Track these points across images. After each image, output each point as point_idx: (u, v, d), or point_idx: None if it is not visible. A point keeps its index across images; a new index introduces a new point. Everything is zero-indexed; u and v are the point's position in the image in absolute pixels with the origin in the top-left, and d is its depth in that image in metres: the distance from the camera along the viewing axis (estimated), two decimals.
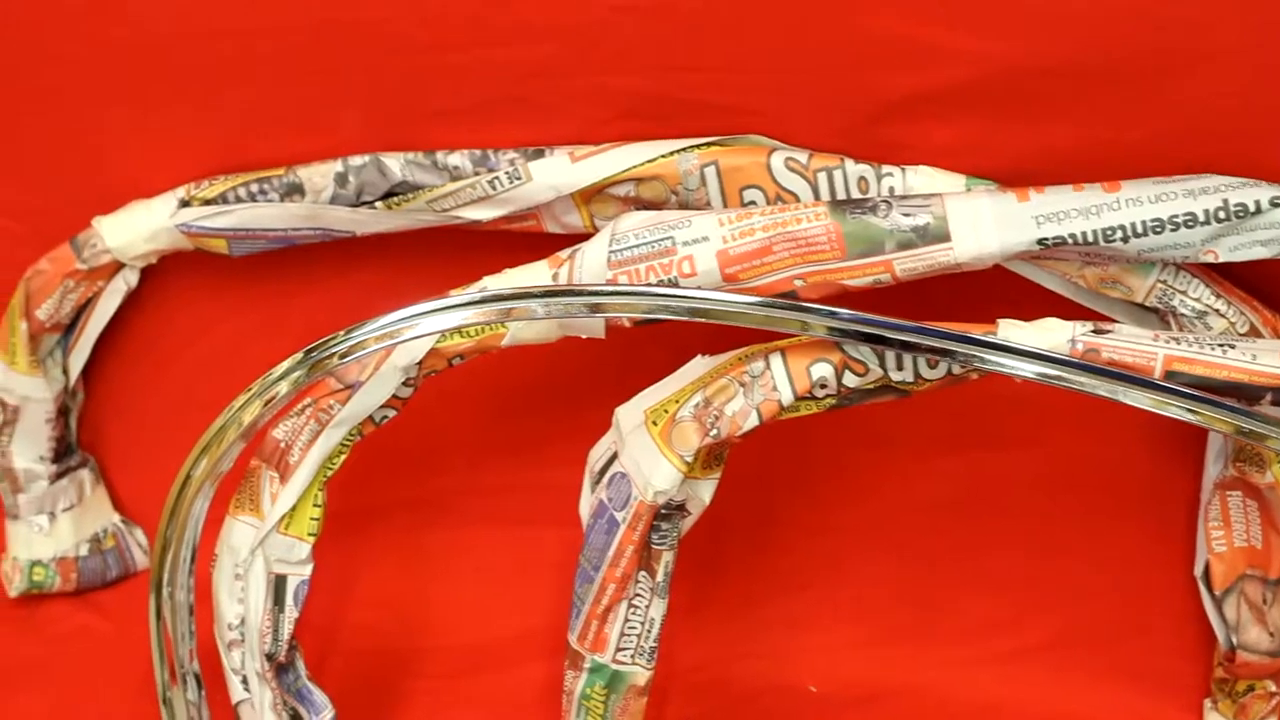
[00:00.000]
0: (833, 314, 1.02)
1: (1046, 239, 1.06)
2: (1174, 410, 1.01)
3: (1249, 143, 1.10)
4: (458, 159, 1.19)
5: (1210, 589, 1.25)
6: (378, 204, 1.21)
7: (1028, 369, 1.02)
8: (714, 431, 1.06)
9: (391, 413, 1.15)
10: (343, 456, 1.15)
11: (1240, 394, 1.03)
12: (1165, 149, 1.10)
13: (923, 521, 1.35)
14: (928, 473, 1.34)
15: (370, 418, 1.15)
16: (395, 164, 1.20)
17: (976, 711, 1.35)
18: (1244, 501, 1.23)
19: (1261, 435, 1.02)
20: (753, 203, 1.14)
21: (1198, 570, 1.27)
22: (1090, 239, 1.06)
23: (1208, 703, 1.33)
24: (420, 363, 1.13)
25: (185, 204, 1.24)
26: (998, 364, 1.02)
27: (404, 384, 1.14)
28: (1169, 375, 1.02)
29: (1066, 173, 1.10)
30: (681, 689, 1.34)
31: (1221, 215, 1.05)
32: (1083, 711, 1.35)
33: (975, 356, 1.02)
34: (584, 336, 1.12)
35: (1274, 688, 1.28)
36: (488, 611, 1.40)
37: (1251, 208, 1.05)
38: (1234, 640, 1.24)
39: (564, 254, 1.12)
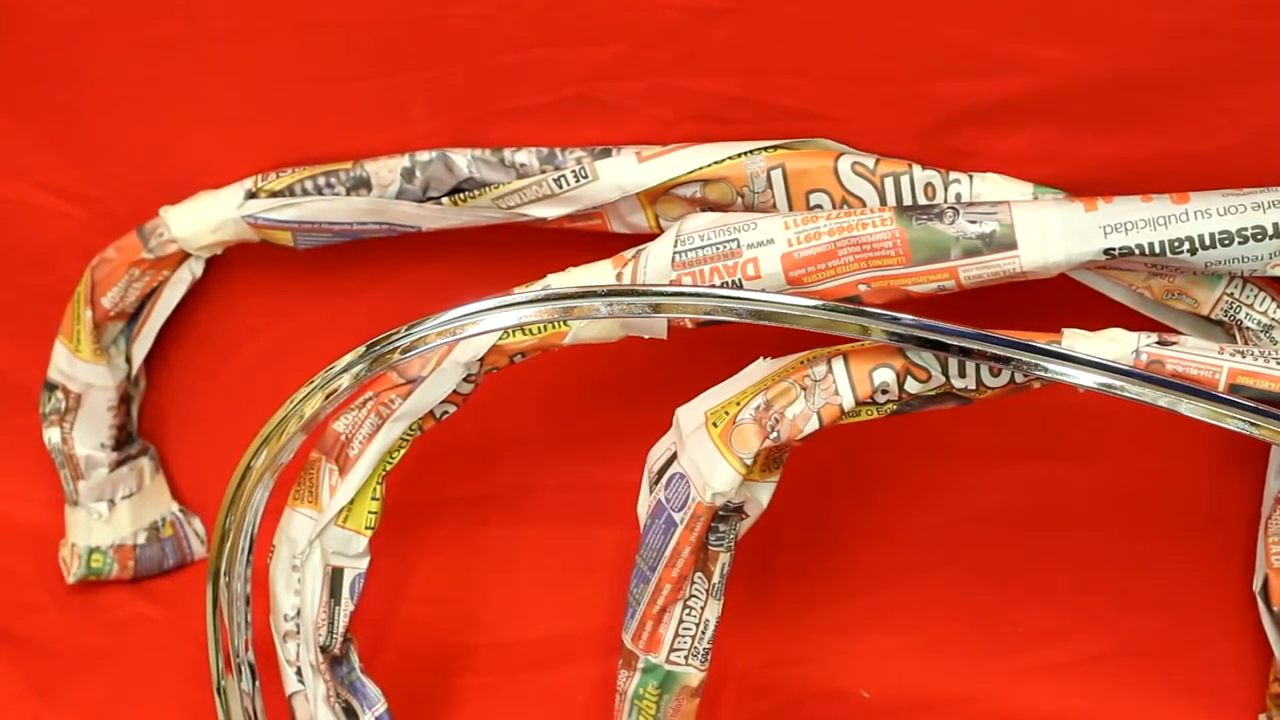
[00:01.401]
0: (895, 319, 1.02)
1: (1113, 249, 1.05)
2: (1235, 424, 1.00)
3: None
4: (524, 156, 1.19)
5: (1269, 604, 1.24)
6: (444, 200, 1.21)
7: (1091, 379, 1.01)
8: (774, 434, 1.05)
9: (452, 408, 1.15)
10: (402, 451, 1.15)
11: None
12: (1235, 161, 1.10)
13: (979, 531, 1.35)
14: (985, 482, 1.33)
15: (431, 413, 1.15)
16: (462, 160, 1.20)
17: None
18: None
19: None
20: (818, 206, 1.14)
21: (1256, 585, 1.26)
22: (1157, 250, 1.05)
23: (1263, 718, 1.33)
24: (482, 359, 1.13)
25: (252, 195, 1.25)
26: (1061, 373, 1.02)
27: (465, 380, 1.14)
28: (1233, 389, 1.02)
29: (1135, 183, 1.09)
30: (734, 692, 1.34)
31: None
32: None
33: (1039, 365, 1.02)
34: (646, 337, 1.12)
35: None
36: (542, 609, 1.40)
37: None
38: None
39: (628, 254, 1.12)
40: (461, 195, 1.20)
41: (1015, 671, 1.37)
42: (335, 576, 1.16)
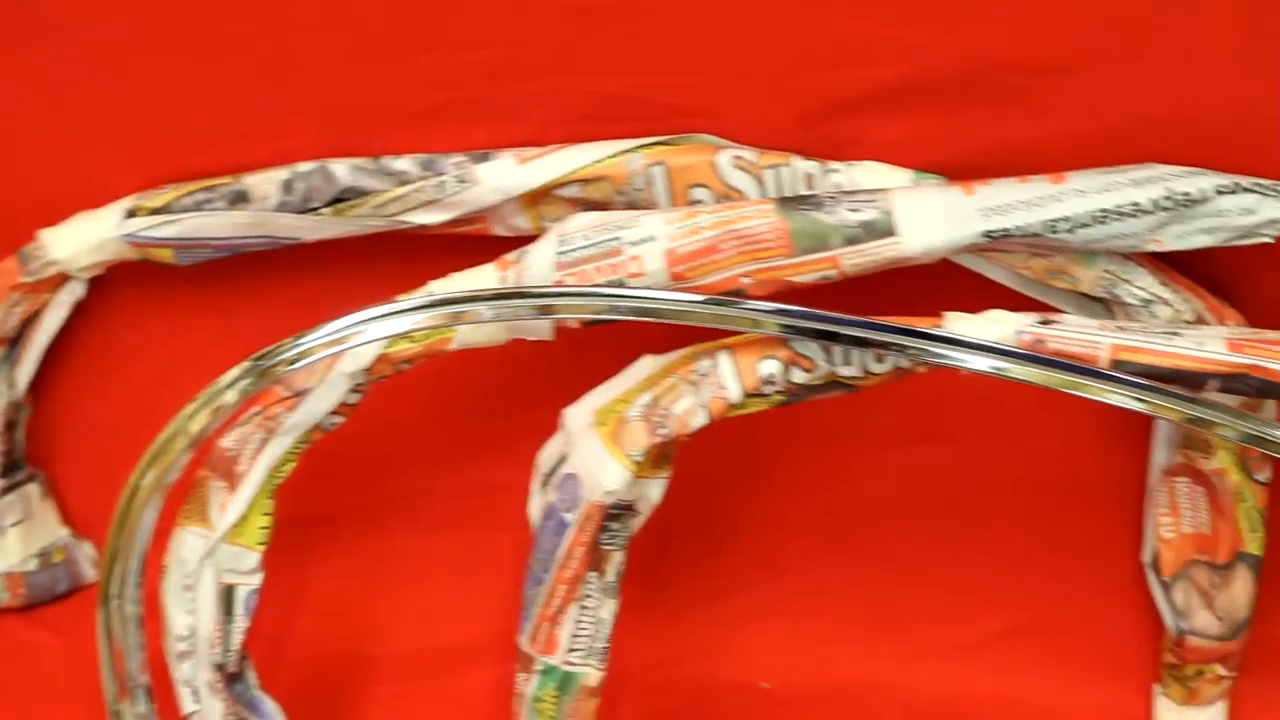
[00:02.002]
0: (782, 311, 1.03)
1: (993, 231, 1.06)
2: (1124, 400, 1.01)
3: (1195, 133, 1.10)
4: (404, 163, 1.19)
5: (1159, 576, 1.25)
6: (324, 210, 1.20)
7: (976, 361, 1.02)
8: (662, 430, 1.06)
9: (340, 419, 1.15)
10: (291, 464, 1.15)
11: (1186, 381, 1.03)
12: (1112, 140, 1.11)
13: (872, 517, 1.36)
14: (876, 468, 1.34)
15: (319, 425, 1.14)
16: (342, 170, 1.19)
17: (930, 705, 1.35)
18: (1191, 488, 1.24)
19: (1210, 423, 1.02)
20: (700, 201, 1.14)
21: (1146, 558, 1.28)
22: (1036, 231, 1.06)
23: (1158, 688, 1.34)
24: (368, 368, 1.12)
25: (132, 214, 1.23)
26: (945, 357, 1.02)
27: (352, 390, 1.13)
28: (1116, 364, 1.03)
29: (1015, 166, 1.10)
30: (633, 689, 1.34)
31: (1167, 204, 1.06)
32: (1035, 701, 1.36)
33: (923, 350, 1.02)
34: (532, 339, 1.12)
35: (1223, 671, 1.29)
36: (440, 616, 1.39)
37: (1196, 196, 1.06)
38: (1183, 626, 1.25)
39: (511, 256, 1.12)
40: (342, 205, 1.20)
41: (913, 655, 1.38)
42: (228, 594, 1.15)
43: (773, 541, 1.38)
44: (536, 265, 1.10)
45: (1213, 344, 1.04)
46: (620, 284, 1.08)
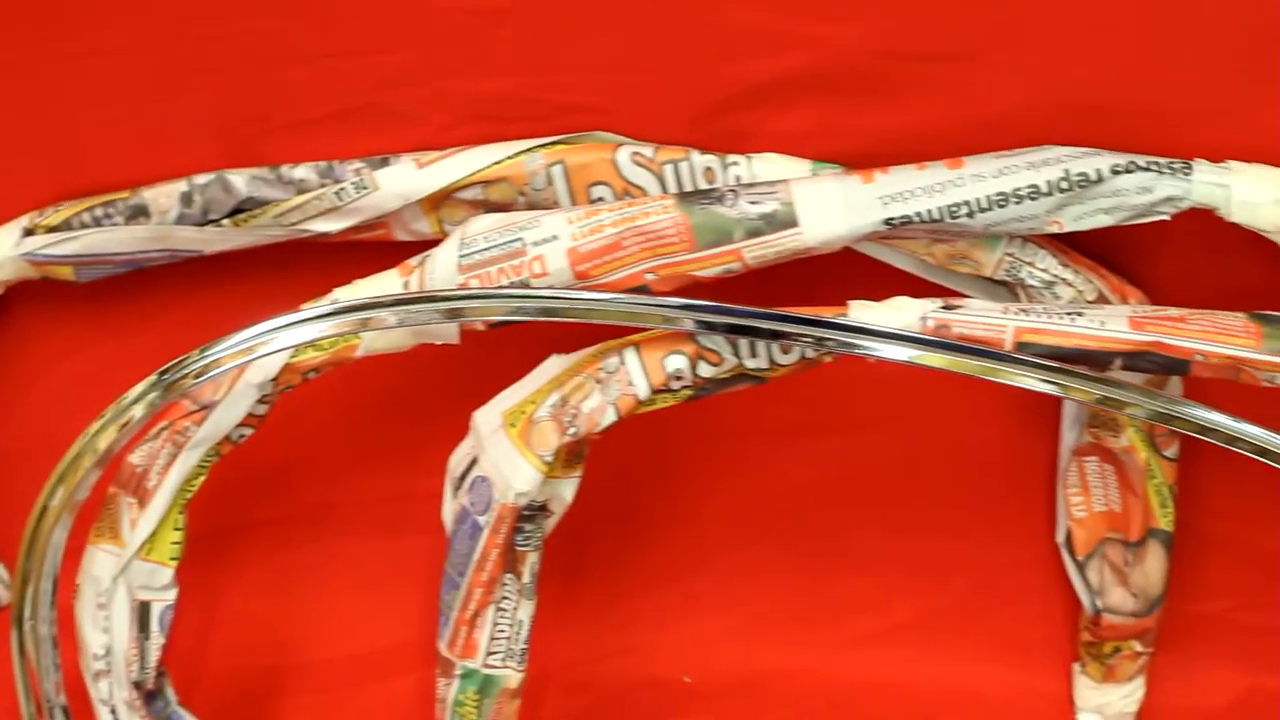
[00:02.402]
0: (689, 306, 1.03)
1: (893, 219, 1.06)
2: (1036, 383, 1.02)
3: (1089, 113, 1.11)
4: (303, 172, 1.18)
5: (1073, 555, 1.26)
6: (224, 222, 1.19)
7: (886, 350, 1.03)
8: (572, 430, 1.06)
9: (249, 431, 1.14)
10: (201, 478, 1.14)
11: (1091, 361, 1.04)
12: (1009, 124, 1.11)
13: (786, 507, 1.36)
14: (788, 458, 1.34)
15: (228, 437, 1.14)
16: (240, 180, 1.18)
17: (850, 692, 1.36)
18: (1101, 466, 1.25)
19: (1121, 403, 1.03)
20: (601, 199, 1.14)
21: (1060, 537, 1.29)
22: (936, 216, 1.06)
23: (1076, 667, 1.35)
24: (275, 379, 1.12)
25: (29, 233, 1.22)
26: (851, 346, 1.03)
27: (260, 401, 1.13)
28: (1020, 346, 1.03)
29: (913, 153, 1.10)
30: (556, 689, 1.35)
31: (1064, 186, 1.06)
32: (955, 684, 1.37)
33: (828, 339, 1.03)
34: (438, 343, 1.12)
35: (1140, 648, 1.30)
36: (359, 624, 1.39)
37: (1093, 176, 1.06)
38: (1098, 604, 1.26)
39: (414, 261, 1.12)
40: (242, 216, 1.19)
41: (832, 644, 1.39)
42: (143, 611, 1.14)
43: (690, 535, 1.38)
44: (440, 269, 1.10)
45: (1115, 323, 1.04)
46: (524, 284, 1.08)
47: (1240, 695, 1.39)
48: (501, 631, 1.11)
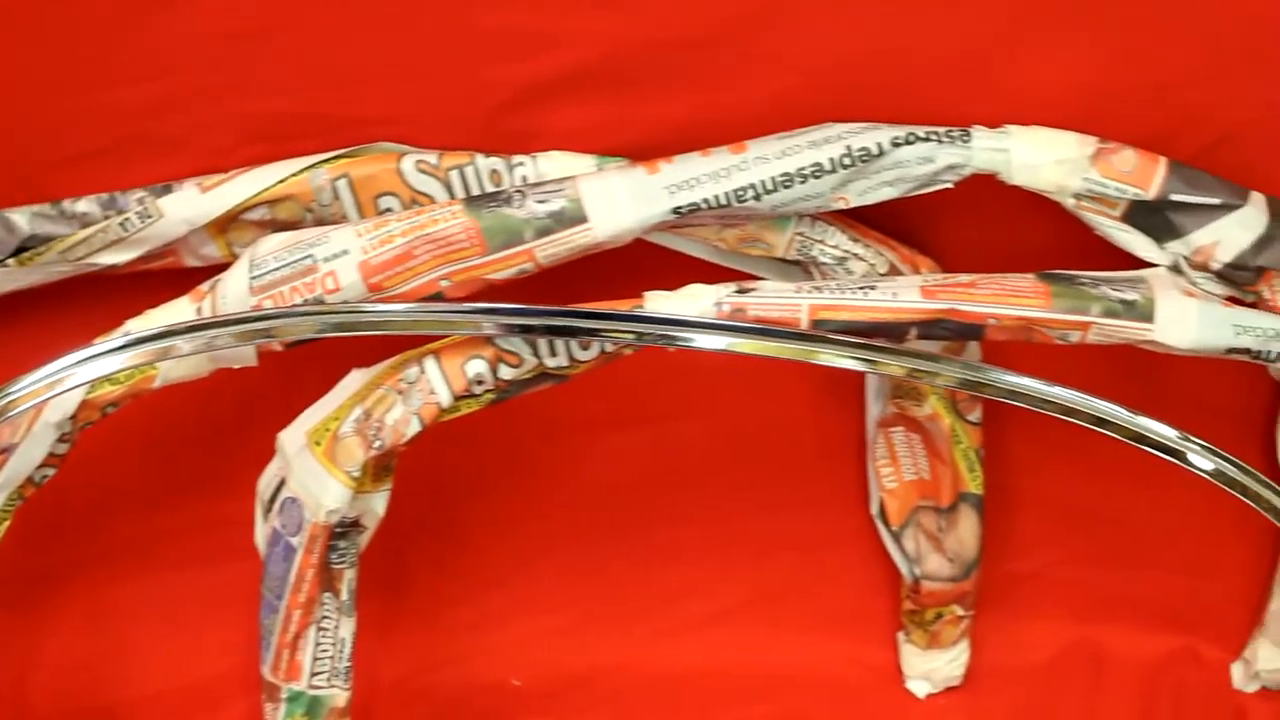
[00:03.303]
0: (486, 310, 1.03)
1: (681, 207, 1.07)
2: (848, 361, 1.04)
3: (868, 89, 1.12)
4: (85, 205, 1.16)
5: (887, 525, 1.28)
6: (9, 261, 1.17)
7: (701, 339, 1.04)
8: (378, 443, 1.05)
9: (51, 471, 1.13)
10: (5, 523, 1.12)
11: (886, 332, 1.05)
12: (788, 104, 1.12)
13: (604, 501, 1.36)
14: (600, 453, 1.34)
15: (30, 479, 1.12)
16: (21, 218, 1.16)
17: (681, 680, 1.37)
18: (907, 436, 1.27)
19: (932, 374, 1.05)
20: (389, 210, 1.13)
21: (874, 509, 1.30)
22: (723, 201, 1.07)
23: (901, 636, 1.37)
24: (73, 416, 1.10)
25: None
26: (651, 336, 1.03)
27: (60, 440, 1.11)
28: (816, 324, 1.04)
29: (697, 140, 1.11)
30: (387, 703, 1.34)
31: (846, 162, 1.08)
32: (784, 663, 1.38)
33: (626, 331, 1.03)
34: (236, 366, 1.11)
35: (961, 611, 1.32)
36: (183, 656, 1.36)
37: (874, 150, 1.08)
38: (916, 571, 1.28)
39: (205, 287, 1.11)
40: (26, 254, 1.16)
41: (662, 633, 1.39)
42: None
43: (510, 539, 1.38)
44: (232, 293, 1.09)
45: (908, 293, 1.06)
46: (319, 301, 1.07)
47: (1064, 648, 1.42)
48: (324, 651, 1.10)
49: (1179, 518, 1.37)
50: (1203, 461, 1.08)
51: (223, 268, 1.12)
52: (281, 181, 1.14)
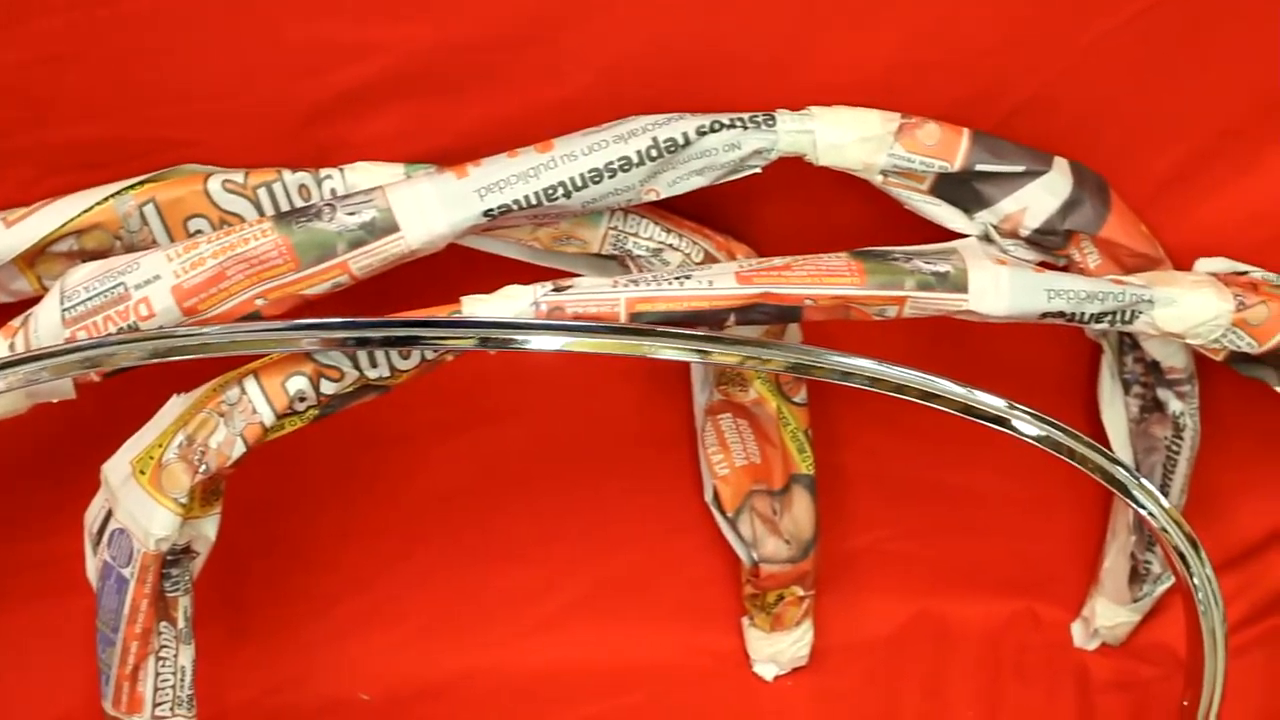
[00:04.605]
0: (304, 326, 1.03)
1: (492, 210, 1.07)
2: (682, 354, 1.04)
3: (673, 79, 1.12)
4: None
5: (723, 512, 1.29)
6: None
7: (536, 341, 1.04)
8: (203, 468, 1.04)
9: None
10: None
11: (705, 320, 1.06)
12: (592, 100, 1.12)
13: (439, 509, 1.36)
14: (433, 461, 1.34)
15: None
16: None
17: (531, 682, 1.37)
18: (735, 422, 1.27)
19: (765, 360, 1.06)
20: (199, 232, 1.12)
21: (708, 496, 1.31)
22: (534, 201, 1.07)
23: (745, 621, 1.38)
24: None
25: None
26: (495, 341, 1.04)
27: None
28: (634, 317, 1.05)
29: (505, 142, 1.11)
30: None
31: (654, 154, 1.08)
32: (631, 657, 1.39)
33: (446, 338, 1.03)
34: (54, 400, 1.09)
35: (802, 592, 1.33)
36: (21, 698, 1.34)
37: (681, 140, 1.08)
38: (754, 555, 1.29)
39: (16, 322, 1.09)
40: None
41: (507, 637, 1.40)
42: None
43: (350, 553, 1.38)
44: (44, 326, 1.07)
45: (723, 280, 1.07)
46: (134, 329, 1.06)
47: (906, 621, 1.44)
48: (165, 681, 1.09)
49: (1010, 484, 1.40)
50: (1030, 428, 1.10)
51: (34, 301, 1.10)
52: (87, 210, 1.12)
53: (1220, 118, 1.16)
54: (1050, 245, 1.14)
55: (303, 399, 1.06)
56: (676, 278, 1.07)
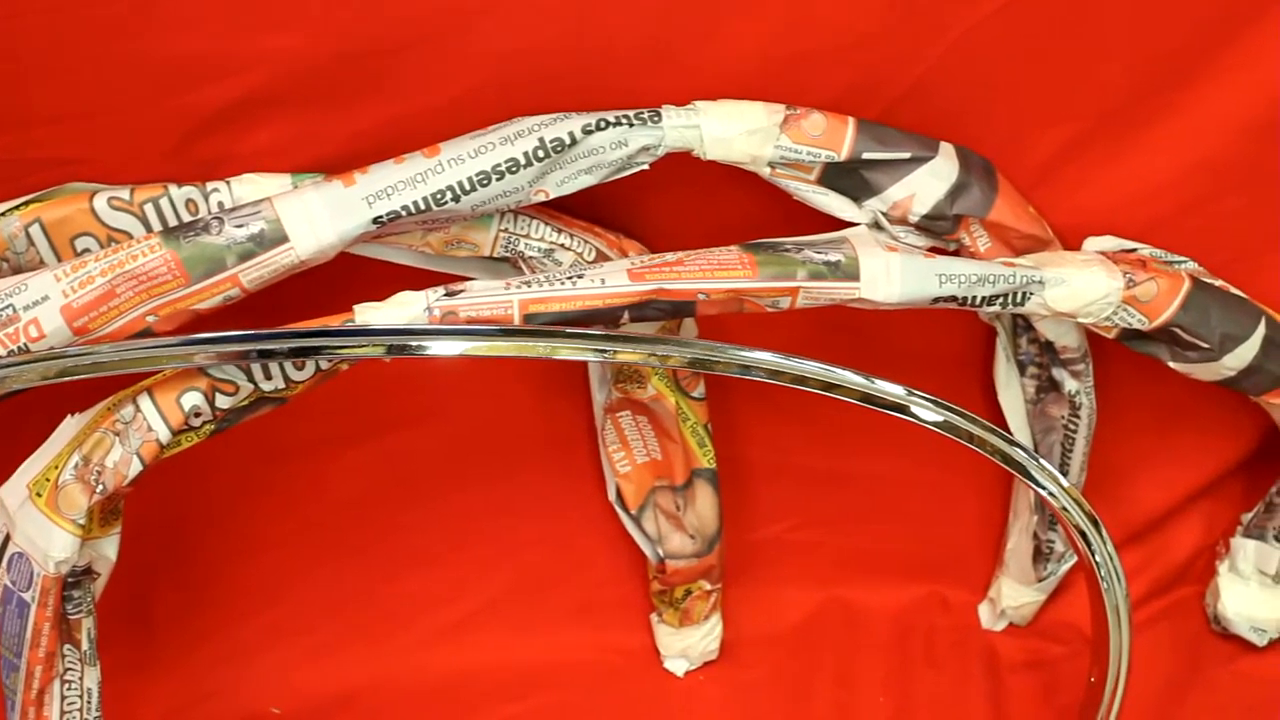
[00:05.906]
0: (197, 340, 1.02)
1: (381, 217, 1.06)
2: (585, 354, 1.05)
3: (558, 80, 1.12)
4: None
5: (626, 509, 1.29)
6: None
7: (438, 346, 1.04)
8: (100, 488, 1.03)
9: None
10: None
11: (600, 319, 1.06)
12: (476, 104, 1.12)
13: (343, 519, 1.36)
14: (334, 471, 1.34)
15: None
16: None
17: (443, 687, 1.37)
18: (635, 419, 1.28)
19: (667, 357, 1.06)
20: (87, 251, 1.11)
21: (611, 495, 1.31)
22: (423, 206, 1.07)
23: (654, 617, 1.38)
24: None
25: None
26: (397, 347, 1.03)
27: None
28: (528, 318, 1.05)
29: (392, 149, 1.10)
30: None
31: (541, 154, 1.08)
32: (541, 659, 1.39)
33: (340, 347, 1.03)
34: None
35: (709, 585, 1.33)
36: None
37: (567, 140, 1.08)
38: (660, 552, 1.29)
39: None
40: None
41: (417, 644, 1.40)
42: None
43: (256, 566, 1.37)
44: None
45: (615, 278, 1.07)
46: (24, 350, 1.05)
47: (814, 609, 1.44)
48: (71, 704, 1.09)
49: (912, 469, 1.41)
50: (929, 414, 1.10)
51: None
52: None
53: (1100, 99, 1.17)
54: (940, 230, 1.15)
55: (198, 414, 1.05)
56: (569, 277, 1.07)
